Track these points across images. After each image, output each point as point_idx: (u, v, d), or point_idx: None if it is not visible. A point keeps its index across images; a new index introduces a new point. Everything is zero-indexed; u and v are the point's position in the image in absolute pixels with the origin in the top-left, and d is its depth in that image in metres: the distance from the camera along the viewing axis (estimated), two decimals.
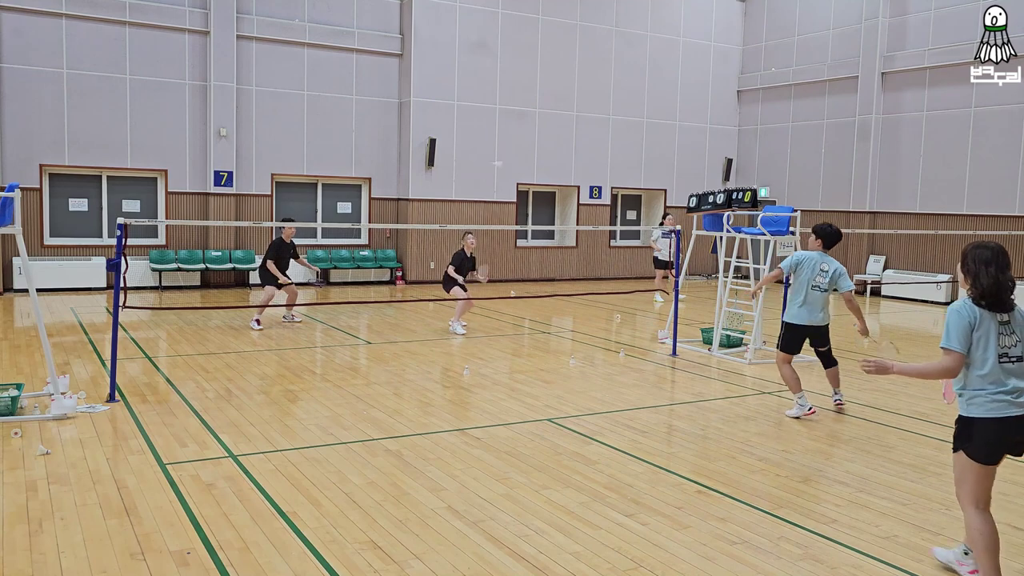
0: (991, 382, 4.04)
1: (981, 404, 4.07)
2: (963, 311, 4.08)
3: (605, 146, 21.52)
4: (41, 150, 16.02)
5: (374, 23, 18.83)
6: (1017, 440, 4.10)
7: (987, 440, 4.06)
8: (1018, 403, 4.03)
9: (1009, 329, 4.08)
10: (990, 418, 4.03)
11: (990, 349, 4.04)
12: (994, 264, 4.08)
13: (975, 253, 4.13)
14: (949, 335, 4.07)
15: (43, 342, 7.45)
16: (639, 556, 4.61)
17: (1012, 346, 4.08)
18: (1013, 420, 4.03)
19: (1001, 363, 4.05)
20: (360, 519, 5.04)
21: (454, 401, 8.22)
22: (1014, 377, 4.06)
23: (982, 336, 4.05)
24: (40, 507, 5.08)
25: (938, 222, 18.23)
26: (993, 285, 4.06)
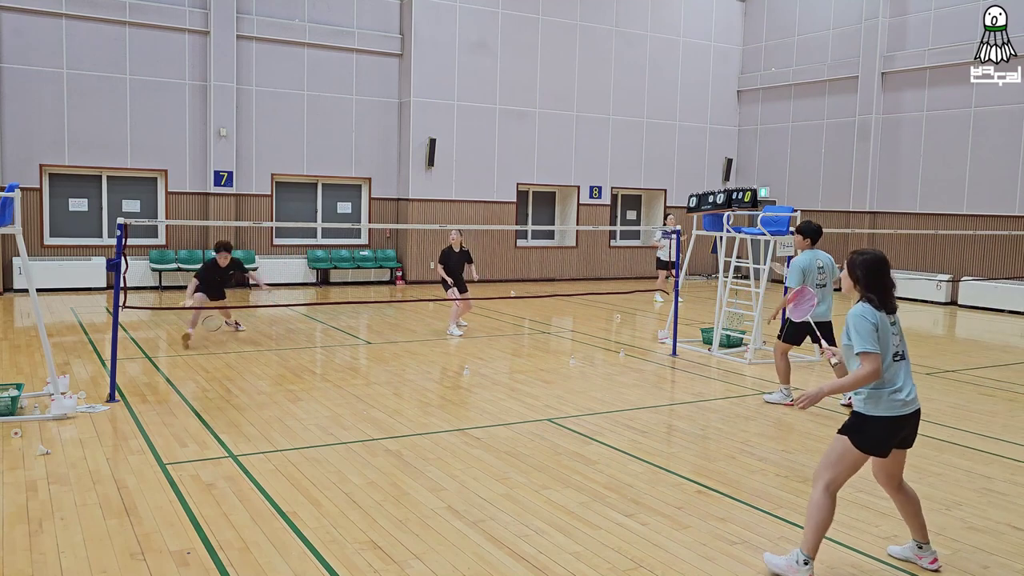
0: (887, 382, 4.25)
1: (877, 404, 4.26)
2: (867, 314, 4.24)
3: (605, 146, 21.53)
4: (41, 150, 16.02)
5: (374, 23, 18.83)
6: (905, 435, 4.36)
7: (878, 436, 4.28)
8: (910, 402, 4.29)
9: (896, 329, 4.34)
10: (886, 417, 4.25)
11: (888, 349, 4.26)
12: (882, 270, 4.33)
13: (861, 261, 4.35)
14: (863, 339, 4.18)
15: (43, 342, 7.45)
16: (639, 556, 4.61)
17: (899, 344, 4.34)
18: (903, 419, 4.28)
19: (895, 361, 4.29)
20: (360, 519, 5.04)
21: (454, 401, 8.22)
22: (903, 374, 4.31)
23: (883, 337, 4.24)
24: (40, 507, 5.08)
25: (938, 222, 18.23)
26: (883, 289, 4.30)
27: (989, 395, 9.16)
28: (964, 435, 7.39)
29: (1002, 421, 7.98)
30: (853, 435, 4.29)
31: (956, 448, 6.98)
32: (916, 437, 4.43)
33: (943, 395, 9.11)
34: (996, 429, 7.65)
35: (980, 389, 9.45)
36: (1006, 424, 7.87)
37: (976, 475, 6.25)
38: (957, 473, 6.29)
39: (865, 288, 4.32)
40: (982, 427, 7.70)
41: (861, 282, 4.34)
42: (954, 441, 7.19)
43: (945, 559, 4.71)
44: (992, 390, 9.44)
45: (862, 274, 4.34)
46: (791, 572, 4.31)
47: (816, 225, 8.41)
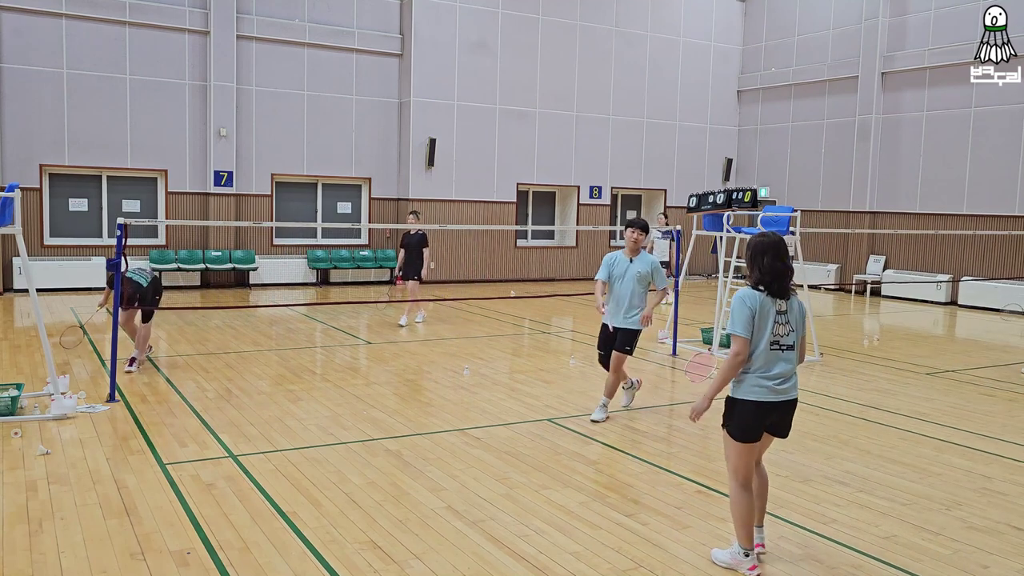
0: (758, 367, 4.32)
1: (744, 386, 4.36)
2: (746, 299, 4.33)
3: (605, 146, 21.53)
4: (41, 150, 16.02)
5: (374, 23, 18.83)
6: (775, 421, 4.43)
7: (744, 420, 4.36)
8: (780, 390, 4.35)
9: (785, 318, 4.36)
10: (750, 400, 4.33)
11: (764, 335, 4.31)
12: (771, 253, 4.34)
13: (756, 243, 4.40)
14: (735, 322, 4.32)
15: (43, 342, 7.45)
16: (639, 556, 4.61)
17: (785, 335, 4.36)
18: (770, 405, 4.35)
19: (772, 349, 4.33)
20: (360, 519, 5.04)
21: (454, 401, 8.22)
22: (781, 363, 4.35)
23: (760, 323, 4.31)
24: (40, 507, 5.08)
25: (938, 222, 18.23)
26: (770, 272, 4.32)
27: (989, 395, 9.16)
28: (964, 435, 7.39)
29: (1002, 421, 7.98)
30: (726, 423, 4.44)
31: (956, 448, 6.98)
32: (790, 430, 4.54)
33: (943, 395, 9.12)
34: (996, 429, 7.65)
35: (980, 389, 9.45)
36: (1006, 424, 7.87)
37: (976, 475, 6.25)
38: (957, 473, 6.29)
39: (755, 270, 4.38)
40: (982, 427, 7.70)
41: (753, 264, 4.38)
42: (954, 441, 7.20)
43: (945, 559, 4.71)
44: (992, 390, 9.44)
45: (749, 256, 4.42)
46: (737, 564, 4.44)
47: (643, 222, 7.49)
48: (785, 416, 4.46)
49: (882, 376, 10.08)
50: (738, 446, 4.38)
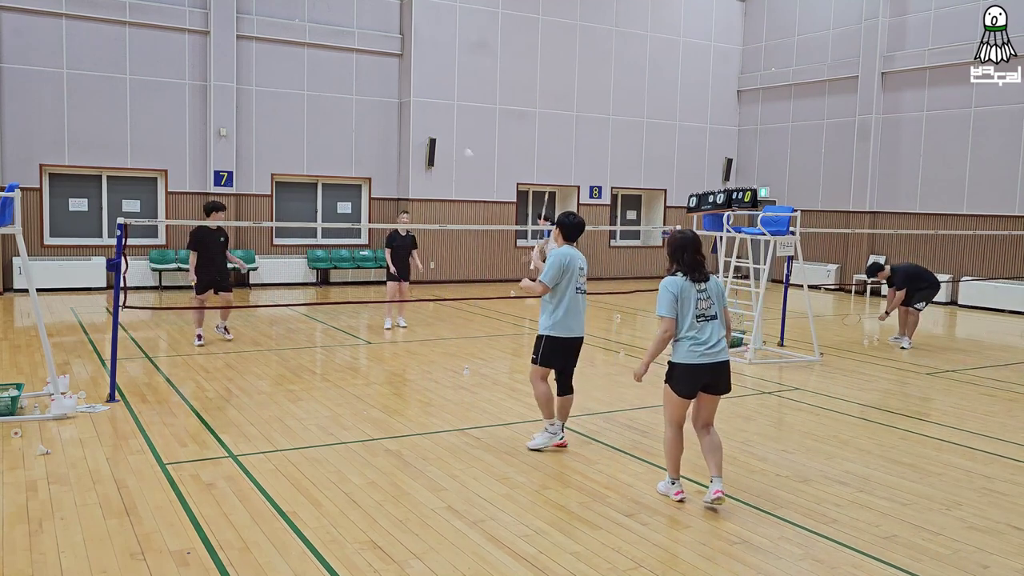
0: (690, 337, 5.28)
1: (681, 352, 5.32)
2: (669, 286, 5.33)
3: (605, 146, 21.53)
4: (41, 150, 16.02)
5: (374, 23, 18.83)
6: (708, 382, 5.32)
7: (683, 380, 5.32)
8: (709, 354, 5.26)
9: (706, 295, 5.34)
10: (686, 363, 5.29)
11: (690, 312, 5.28)
12: (690, 249, 5.36)
13: (677, 240, 5.40)
14: (660, 305, 5.34)
15: (43, 342, 7.45)
16: (639, 556, 4.61)
17: (707, 308, 5.33)
18: (704, 367, 5.27)
19: (698, 321, 5.28)
20: (360, 519, 5.04)
21: (454, 401, 8.21)
22: (708, 331, 5.28)
23: (684, 302, 5.30)
24: (40, 507, 5.08)
25: (938, 222, 18.23)
26: (690, 265, 5.35)
27: (989, 395, 9.16)
28: (964, 435, 7.39)
29: (1002, 421, 7.98)
30: (668, 380, 5.42)
31: (956, 448, 6.98)
32: (728, 387, 5.40)
33: (943, 395, 9.12)
34: (996, 429, 7.65)
35: (980, 389, 9.45)
36: (1006, 424, 7.87)
37: (976, 475, 6.25)
38: (957, 473, 6.29)
39: (671, 262, 5.41)
40: (982, 427, 7.70)
41: (669, 257, 5.42)
42: (954, 441, 7.20)
43: (945, 559, 4.71)
44: (992, 390, 9.43)
45: (670, 251, 5.41)
46: (667, 491, 5.52)
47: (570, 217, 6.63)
48: (719, 376, 5.33)
49: (882, 376, 10.08)
50: (676, 399, 5.39)
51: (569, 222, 6.55)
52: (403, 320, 12.95)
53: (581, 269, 6.50)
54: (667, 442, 5.50)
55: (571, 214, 6.64)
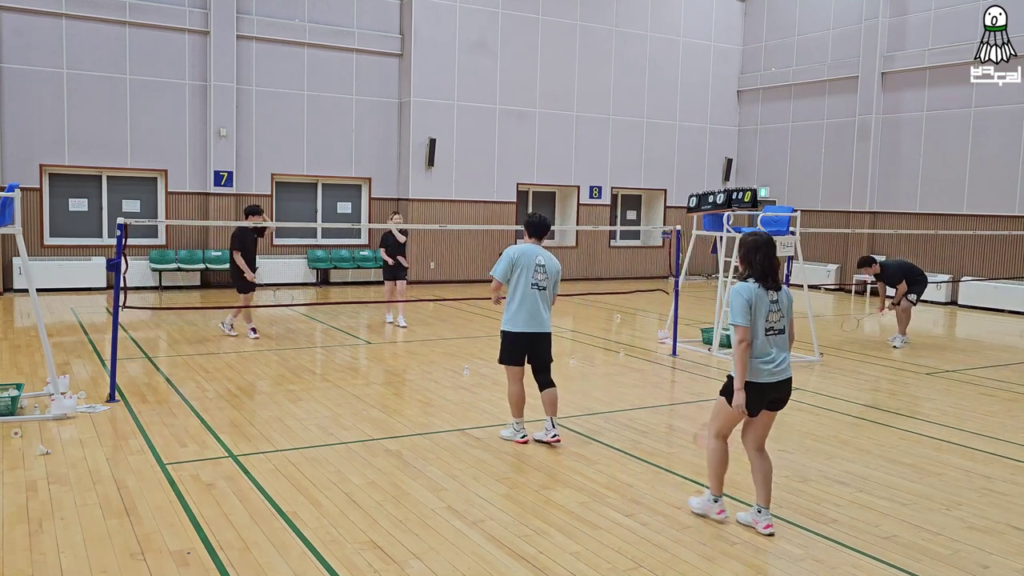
0: (757, 352, 4.81)
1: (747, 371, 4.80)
2: (741, 291, 4.83)
3: (605, 146, 21.53)
4: (41, 150, 16.02)
5: (374, 23, 18.83)
6: (774, 399, 4.92)
7: (748, 399, 4.81)
8: (775, 372, 4.84)
9: (776, 307, 4.87)
10: (752, 382, 4.81)
11: (760, 323, 4.80)
12: (763, 251, 4.89)
13: (750, 242, 4.94)
14: (734, 312, 4.82)
15: (43, 342, 7.46)
16: (639, 556, 4.61)
17: (777, 321, 4.87)
18: (770, 385, 4.85)
19: (767, 335, 4.83)
20: (360, 519, 5.04)
21: (454, 401, 8.22)
22: (775, 348, 4.86)
23: (756, 312, 4.80)
24: (40, 507, 5.08)
25: (938, 222, 18.23)
26: (762, 268, 4.86)
27: (989, 395, 9.16)
28: (964, 435, 7.39)
29: (1002, 421, 7.98)
30: (726, 395, 4.92)
31: (956, 448, 6.98)
32: (787, 402, 5.03)
33: (943, 395, 9.12)
34: (996, 429, 7.65)
35: (980, 389, 9.45)
36: (1006, 424, 7.87)
37: (976, 475, 6.25)
38: (957, 473, 6.29)
39: (744, 266, 4.94)
40: (982, 427, 7.70)
41: (742, 261, 4.96)
42: (954, 441, 7.20)
43: (945, 559, 4.71)
44: (992, 390, 9.43)
45: (742, 253, 4.97)
46: (708, 510, 5.14)
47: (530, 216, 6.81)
48: (782, 393, 4.93)
49: (882, 376, 10.08)
50: (732, 415, 4.90)
51: (528, 220, 6.83)
52: (403, 319, 12.98)
53: (540, 266, 6.57)
54: (713, 455, 5.07)
55: (533, 214, 6.92)
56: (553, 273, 6.64)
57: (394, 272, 12.73)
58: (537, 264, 6.56)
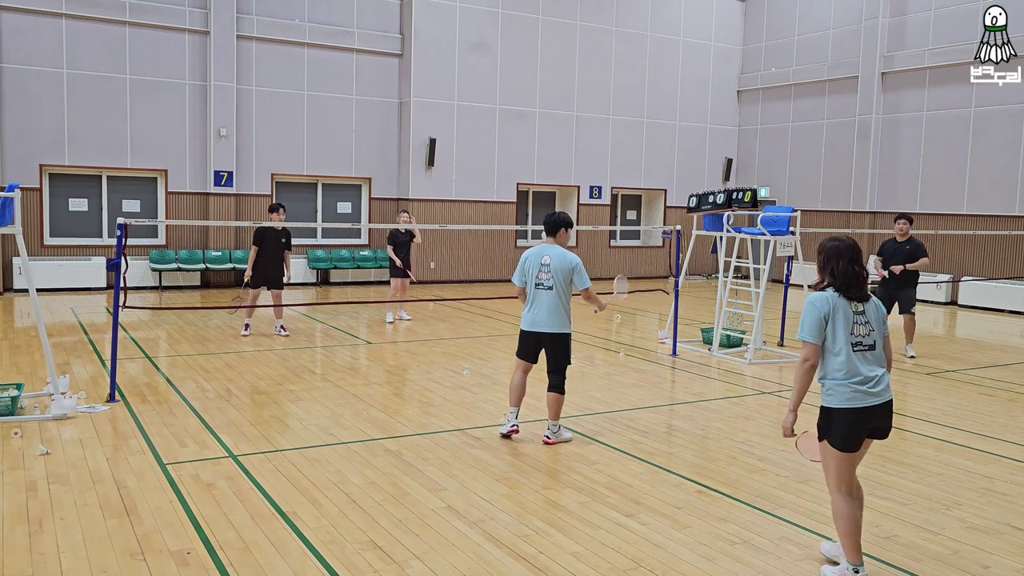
0: (846, 372, 4.18)
1: (838, 395, 4.21)
2: (817, 302, 4.25)
3: (605, 146, 21.53)
4: (41, 150, 16.02)
5: (374, 23, 18.83)
6: (876, 425, 4.27)
7: (844, 429, 4.21)
8: (874, 393, 4.20)
9: (863, 319, 4.25)
10: (846, 408, 4.19)
11: (840, 338, 4.20)
12: (846, 258, 4.26)
13: (831, 248, 4.32)
14: (803, 327, 4.26)
15: (43, 342, 7.45)
16: (639, 556, 4.61)
17: (866, 335, 4.24)
18: (868, 410, 4.20)
19: (855, 351, 4.21)
20: (360, 519, 5.04)
21: (454, 401, 8.22)
22: (866, 365, 4.22)
23: (835, 326, 4.20)
24: (40, 507, 5.08)
25: (938, 222, 18.23)
26: (845, 276, 4.24)
27: (989, 395, 9.16)
28: (964, 435, 7.39)
29: (1002, 421, 7.98)
30: (824, 434, 4.31)
31: (956, 448, 6.98)
32: (890, 430, 4.37)
33: (943, 395, 9.12)
34: (996, 429, 7.65)
35: (980, 389, 9.45)
36: (1006, 424, 7.87)
37: (976, 475, 6.25)
38: (957, 473, 6.29)
39: (821, 273, 4.35)
40: (982, 427, 7.70)
41: (820, 269, 4.35)
42: (954, 441, 7.19)
43: (945, 559, 4.71)
44: (992, 390, 9.43)
45: (820, 260, 4.36)
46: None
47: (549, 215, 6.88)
48: (884, 418, 4.28)
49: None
50: (839, 456, 4.23)
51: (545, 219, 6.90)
52: (405, 313, 13.19)
53: (544, 265, 6.66)
54: (841, 515, 4.23)
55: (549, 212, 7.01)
56: (559, 270, 6.63)
57: (401, 270, 12.86)
58: (542, 264, 6.65)
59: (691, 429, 7.43)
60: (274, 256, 11.61)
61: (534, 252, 6.76)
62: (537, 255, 6.72)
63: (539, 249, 6.76)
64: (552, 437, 6.75)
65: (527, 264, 6.73)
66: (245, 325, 11.75)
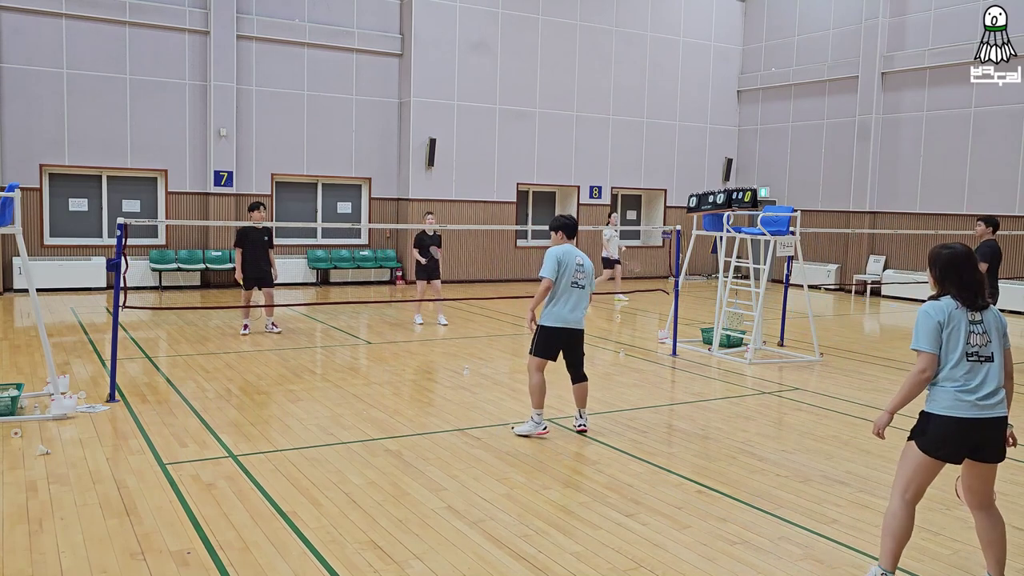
0: (956, 381, 3.99)
1: (942, 401, 4.02)
2: (933, 311, 4.05)
3: (605, 146, 21.53)
4: (41, 150, 16.02)
5: (374, 23, 18.83)
6: (977, 443, 4.04)
7: (941, 436, 4.03)
8: (983, 405, 3.98)
9: (981, 328, 4.05)
10: (948, 416, 4.00)
11: (958, 348, 4.00)
12: (965, 267, 4.08)
13: (947, 257, 4.11)
14: (918, 336, 4.06)
15: (43, 342, 7.45)
16: (639, 556, 4.61)
17: (982, 346, 4.03)
18: (973, 422, 3.98)
19: (969, 361, 4.00)
20: (360, 519, 5.04)
21: (454, 401, 8.22)
22: (983, 375, 4.00)
23: (951, 334, 4.01)
24: (40, 507, 5.08)
25: (938, 222, 18.23)
26: (963, 286, 4.06)
27: None
28: None
29: None
30: (917, 437, 4.11)
31: None
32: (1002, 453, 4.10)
33: None
34: None
35: None
36: None
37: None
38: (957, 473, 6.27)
39: (939, 283, 4.13)
40: None
41: (936, 277, 4.14)
42: None
43: (945, 559, 4.71)
44: None
45: (937, 271, 4.13)
46: None
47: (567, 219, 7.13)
48: (992, 436, 4.03)
49: (882, 376, 10.08)
50: (925, 460, 4.05)
51: (564, 221, 7.12)
52: (443, 318, 13.23)
53: (579, 265, 6.95)
54: (894, 518, 4.12)
55: (567, 216, 7.21)
56: (590, 272, 7.05)
57: (427, 271, 12.83)
58: (576, 264, 6.94)
59: (691, 429, 7.43)
60: (259, 255, 11.63)
61: (566, 252, 6.93)
62: (571, 255, 6.92)
63: (568, 249, 6.96)
64: (586, 424, 7.15)
65: (563, 263, 6.87)
66: (244, 325, 11.77)
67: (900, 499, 4.12)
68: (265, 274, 11.73)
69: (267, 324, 11.97)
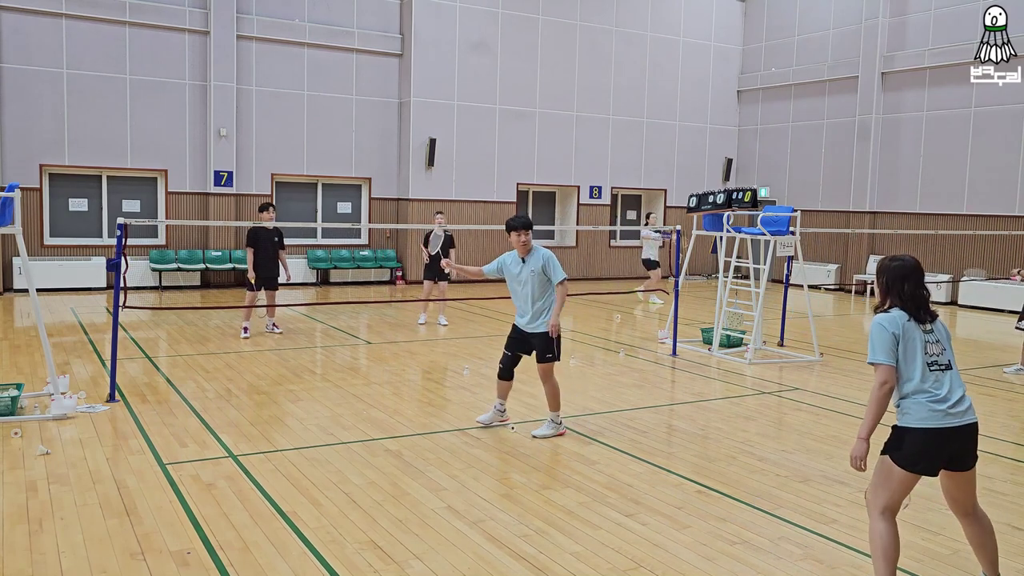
0: (923, 392, 3.97)
1: (915, 413, 3.97)
2: (885, 323, 4.01)
3: (605, 146, 21.53)
4: (41, 150, 16.02)
5: (374, 23, 18.83)
6: (954, 452, 4.02)
7: (919, 450, 3.96)
8: (955, 413, 3.97)
9: (934, 338, 4.06)
10: (923, 428, 3.95)
11: (917, 359, 3.99)
12: (912, 280, 4.07)
13: (894, 269, 4.10)
14: (875, 349, 4.00)
15: (43, 342, 7.45)
16: (639, 556, 4.61)
17: (939, 354, 4.04)
18: (948, 432, 3.95)
19: (931, 370, 4.00)
20: (360, 519, 5.04)
21: (454, 401, 8.22)
22: (946, 385, 4.00)
23: (907, 346, 4.00)
24: (40, 507, 5.08)
25: (938, 222, 18.23)
26: (911, 299, 4.05)
27: (989, 395, 9.16)
28: None
29: (1001, 421, 7.98)
30: (892, 452, 4.03)
31: None
32: (975, 459, 4.10)
33: None
34: (995, 429, 7.64)
35: (980, 389, 9.45)
36: (1005, 424, 7.87)
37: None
38: None
39: (885, 294, 4.13)
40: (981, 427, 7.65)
41: (884, 291, 4.14)
42: None
43: (945, 559, 4.71)
44: (992, 390, 9.43)
45: (885, 282, 4.13)
46: None
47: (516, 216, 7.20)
48: (966, 444, 4.02)
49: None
50: (902, 475, 3.98)
51: None
52: (443, 318, 13.20)
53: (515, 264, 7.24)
54: (878, 536, 4.05)
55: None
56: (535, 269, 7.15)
57: (434, 272, 12.76)
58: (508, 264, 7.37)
59: (691, 429, 7.43)
60: (270, 256, 11.61)
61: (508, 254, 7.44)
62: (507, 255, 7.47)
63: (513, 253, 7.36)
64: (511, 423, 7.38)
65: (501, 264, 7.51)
66: (244, 328, 11.66)
67: (882, 517, 4.06)
68: (274, 276, 11.73)
69: (268, 324, 11.98)
